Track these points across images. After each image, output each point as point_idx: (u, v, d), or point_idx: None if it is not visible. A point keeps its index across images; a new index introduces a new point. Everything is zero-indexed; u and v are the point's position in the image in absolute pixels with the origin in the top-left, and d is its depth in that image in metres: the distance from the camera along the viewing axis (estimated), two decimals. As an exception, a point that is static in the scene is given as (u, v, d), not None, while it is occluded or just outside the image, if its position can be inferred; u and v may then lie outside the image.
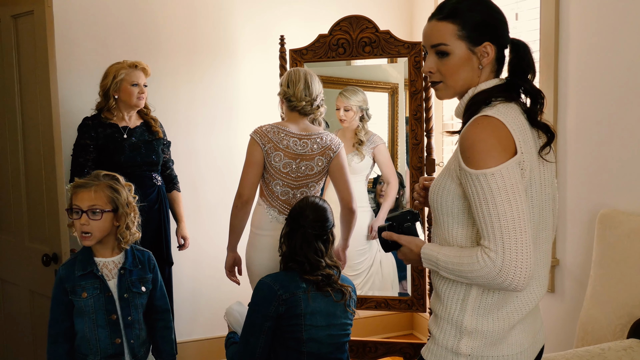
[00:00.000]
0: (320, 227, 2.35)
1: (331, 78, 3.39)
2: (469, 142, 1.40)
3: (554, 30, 2.80)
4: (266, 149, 2.67)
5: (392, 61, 3.39)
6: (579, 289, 2.73)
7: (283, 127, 2.72)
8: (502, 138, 1.38)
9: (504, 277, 1.34)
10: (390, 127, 3.42)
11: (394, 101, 3.40)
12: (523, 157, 1.39)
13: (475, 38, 1.50)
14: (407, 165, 3.28)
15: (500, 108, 1.44)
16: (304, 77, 2.74)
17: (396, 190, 3.34)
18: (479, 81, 1.53)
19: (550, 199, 1.53)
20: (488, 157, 1.36)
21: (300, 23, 3.80)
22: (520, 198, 1.35)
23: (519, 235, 1.33)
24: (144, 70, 3.13)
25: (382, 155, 3.36)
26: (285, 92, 2.76)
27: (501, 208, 1.34)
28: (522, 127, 1.43)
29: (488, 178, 1.35)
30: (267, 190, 2.75)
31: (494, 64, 1.53)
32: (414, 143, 3.21)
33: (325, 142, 2.75)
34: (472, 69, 1.52)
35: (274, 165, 2.69)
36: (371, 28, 3.19)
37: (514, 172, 1.36)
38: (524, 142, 1.41)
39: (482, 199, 1.37)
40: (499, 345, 1.48)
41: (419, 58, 3.16)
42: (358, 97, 3.35)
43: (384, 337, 4.03)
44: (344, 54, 3.23)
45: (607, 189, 2.59)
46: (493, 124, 1.40)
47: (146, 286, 2.30)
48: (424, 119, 3.19)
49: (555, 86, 2.82)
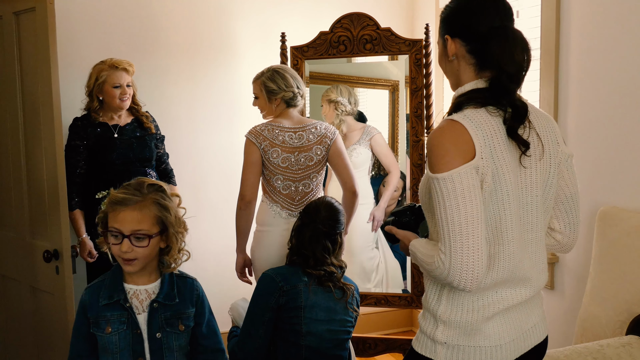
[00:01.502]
0: (331, 225, 2.40)
1: (332, 75, 3.39)
2: (429, 145, 1.44)
3: (555, 28, 2.79)
4: (263, 147, 2.70)
5: (392, 58, 3.40)
6: (579, 286, 2.73)
7: (277, 124, 2.75)
8: (460, 143, 1.40)
9: (452, 279, 1.38)
10: (390, 124, 3.43)
11: (394, 98, 3.40)
12: (483, 162, 1.39)
13: (441, 33, 1.57)
14: (408, 161, 3.27)
15: (468, 113, 1.44)
16: (284, 69, 2.80)
17: (397, 178, 3.33)
18: (464, 77, 1.54)
19: (538, 200, 1.53)
20: (441, 162, 1.39)
21: (301, 20, 3.80)
22: (471, 203, 1.36)
23: (465, 239, 1.36)
24: (126, 70, 3.05)
25: (379, 146, 3.37)
26: (271, 86, 2.77)
27: (449, 212, 1.37)
28: (490, 133, 1.43)
29: (440, 182, 1.38)
30: (268, 187, 2.77)
31: (468, 58, 1.53)
32: (414, 140, 3.22)
33: (321, 131, 2.78)
34: (450, 64, 1.56)
35: (273, 161, 2.71)
36: (372, 25, 3.19)
37: (467, 177, 1.37)
38: (489, 147, 1.42)
39: (436, 202, 1.40)
40: (474, 335, 1.50)
41: (420, 55, 3.17)
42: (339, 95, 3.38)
43: (383, 333, 4.03)
44: (345, 51, 3.24)
45: (607, 187, 2.59)
46: (454, 129, 1.42)
47: (186, 324, 1.86)
48: (424, 116, 3.20)
49: (555, 84, 2.82)
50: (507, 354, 1.52)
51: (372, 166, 3.40)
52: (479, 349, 1.50)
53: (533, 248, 1.55)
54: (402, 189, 3.40)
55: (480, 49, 1.50)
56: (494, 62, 1.46)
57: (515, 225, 1.48)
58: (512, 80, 1.46)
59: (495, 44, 1.46)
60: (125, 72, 3.04)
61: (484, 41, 1.48)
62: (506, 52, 1.45)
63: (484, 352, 1.50)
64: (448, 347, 1.51)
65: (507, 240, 1.47)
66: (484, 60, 1.50)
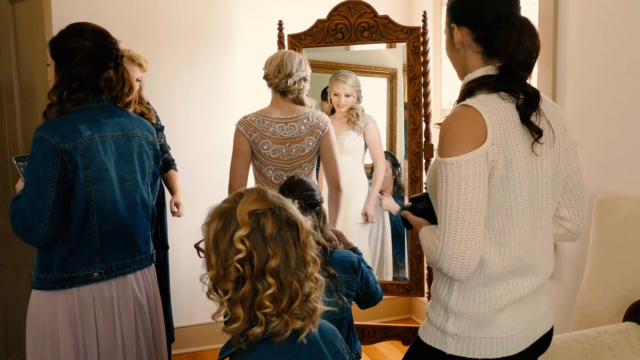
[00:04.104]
0: (310, 196, 2.23)
1: (330, 63, 3.37)
2: (442, 130, 1.42)
3: (552, 14, 2.76)
4: (253, 139, 2.66)
5: (390, 46, 3.38)
6: (576, 273, 2.73)
7: (267, 114, 2.70)
8: (473, 128, 1.39)
9: (441, 265, 1.38)
10: (388, 112, 3.41)
11: (392, 86, 3.39)
12: (494, 147, 1.38)
13: (447, 22, 1.57)
14: (406, 150, 3.26)
15: (481, 98, 1.44)
16: (281, 56, 2.71)
17: (383, 173, 3.31)
18: (471, 66, 1.54)
19: (548, 188, 1.52)
20: (452, 147, 1.38)
21: (299, 8, 3.78)
22: (474, 190, 1.35)
23: (461, 226, 1.34)
24: (141, 66, 3.08)
25: (371, 135, 3.33)
26: (264, 73, 2.74)
27: (450, 197, 1.36)
28: (504, 118, 1.42)
29: (447, 167, 1.37)
30: (260, 176, 2.75)
31: (475, 46, 1.52)
32: (412, 128, 3.20)
33: (313, 122, 2.72)
34: (456, 52, 1.56)
35: (264, 152, 2.68)
36: (370, 13, 3.16)
37: (474, 164, 1.36)
38: (503, 133, 1.41)
39: (439, 186, 1.39)
40: (485, 327, 1.49)
41: (418, 43, 3.13)
42: (354, 81, 3.33)
43: (382, 321, 4.03)
44: (342, 39, 3.21)
45: (604, 174, 2.59)
46: (468, 114, 1.41)
47: None
48: (422, 104, 3.16)
49: (553, 71, 2.80)
50: (518, 344, 1.52)
51: (365, 154, 3.38)
52: (490, 340, 1.49)
53: (541, 236, 1.54)
54: (394, 181, 3.38)
55: (487, 37, 1.50)
56: (502, 49, 1.46)
57: (526, 213, 1.47)
58: (522, 67, 1.46)
59: (502, 32, 1.45)
60: (139, 68, 3.06)
61: (491, 29, 1.48)
62: (513, 39, 1.44)
63: (496, 343, 1.49)
64: (459, 338, 1.50)
65: (518, 228, 1.46)
66: (491, 48, 1.50)
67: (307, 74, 2.74)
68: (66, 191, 1.92)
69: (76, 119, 1.94)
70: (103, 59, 2.00)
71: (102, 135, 1.98)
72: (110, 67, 2.01)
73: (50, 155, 1.86)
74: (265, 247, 1.26)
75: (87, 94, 1.99)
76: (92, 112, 1.99)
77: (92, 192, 1.95)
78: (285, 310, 1.28)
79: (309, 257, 1.32)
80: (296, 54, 2.73)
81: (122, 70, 2.06)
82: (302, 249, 1.31)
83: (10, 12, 2.77)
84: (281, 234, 1.28)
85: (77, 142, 1.91)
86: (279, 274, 1.27)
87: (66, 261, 1.96)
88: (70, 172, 1.91)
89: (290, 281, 1.28)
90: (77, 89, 1.97)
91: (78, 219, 1.95)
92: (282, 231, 1.28)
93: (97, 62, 1.97)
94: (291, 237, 1.30)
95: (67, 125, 1.92)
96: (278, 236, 1.28)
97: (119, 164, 2.03)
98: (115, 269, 2.05)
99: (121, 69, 2.06)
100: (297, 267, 1.30)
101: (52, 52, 1.99)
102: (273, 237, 1.27)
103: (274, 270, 1.26)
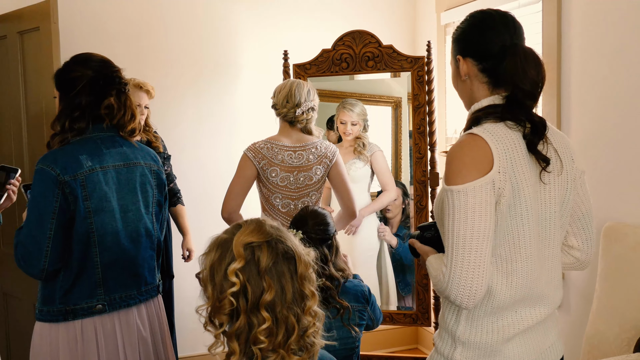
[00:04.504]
0: (322, 230, 2.27)
1: (335, 92, 3.38)
2: (448, 158, 1.44)
3: (556, 45, 2.76)
4: (261, 166, 2.65)
5: (395, 75, 3.40)
6: (585, 302, 2.70)
7: (276, 142, 2.69)
8: (478, 157, 1.40)
9: (449, 293, 1.39)
10: (393, 140, 3.42)
11: (397, 115, 3.40)
12: (500, 176, 1.39)
13: (453, 54, 1.59)
14: (411, 178, 3.26)
15: (488, 126, 1.45)
16: (289, 85, 2.71)
17: (390, 198, 3.30)
18: (478, 95, 1.55)
19: (556, 216, 1.52)
20: (458, 175, 1.39)
21: (304, 38, 3.81)
22: (480, 218, 1.36)
23: (468, 254, 1.35)
24: (148, 93, 3.09)
25: (379, 163, 3.34)
26: (272, 102, 2.74)
27: (457, 225, 1.37)
28: (511, 146, 1.43)
29: (454, 194, 1.38)
30: (267, 205, 2.73)
31: (481, 77, 1.54)
32: (417, 157, 3.21)
33: (321, 151, 2.72)
34: (463, 83, 1.58)
35: (272, 180, 2.66)
36: (374, 43, 3.19)
37: (481, 192, 1.37)
38: (509, 161, 1.42)
39: (446, 214, 1.40)
40: (493, 357, 1.48)
41: (422, 72, 3.16)
42: (361, 110, 3.34)
43: (388, 351, 3.98)
44: (347, 69, 3.24)
45: (612, 202, 2.57)
46: (474, 142, 1.42)
47: None
48: (427, 132, 3.19)
49: (558, 95, 2.80)
50: None
51: (371, 183, 3.38)
52: None
53: (549, 264, 1.54)
54: (402, 210, 3.37)
55: (493, 68, 1.51)
56: (508, 80, 1.48)
57: (533, 241, 1.47)
58: (528, 97, 1.47)
59: (508, 62, 1.47)
60: (147, 95, 3.06)
61: (496, 60, 1.49)
62: (519, 69, 1.45)
63: None
64: None
65: (525, 257, 1.46)
66: (497, 78, 1.52)
67: (315, 103, 2.74)
68: (67, 223, 1.91)
69: (77, 150, 1.94)
70: (104, 86, 1.99)
71: (104, 165, 1.97)
72: (111, 95, 2.00)
73: (50, 186, 1.86)
74: (260, 281, 1.24)
75: (87, 123, 1.98)
76: (94, 142, 1.98)
77: (93, 224, 1.94)
78: (281, 345, 1.26)
79: (307, 291, 1.30)
80: (304, 84, 2.73)
81: (125, 97, 2.05)
82: (300, 282, 1.29)
83: (19, 43, 2.81)
84: (277, 267, 1.26)
85: (78, 173, 1.90)
86: (275, 308, 1.25)
87: (68, 293, 1.94)
88: (71, 204, 1.90)
89: (286, 315, 1.26)
90: (78, 118, 1.96)
91: (79, 250, 1.94)
92: (278, 264, 1.27)
93: (98, 90, 1.97)
94: (288, 271, 1.27)
95: (67, 156, 1.91)
96: (273, 269, 1.26)
97: (120, 194, 2.01)
98: (119, 300, 2.02)
99: (123, 97, 2.04)
100: (294, 300, 1.28)
101: (57, 83, 2.00)
102: (268, 270, 1.25)
103: (269, 304, 1.24)
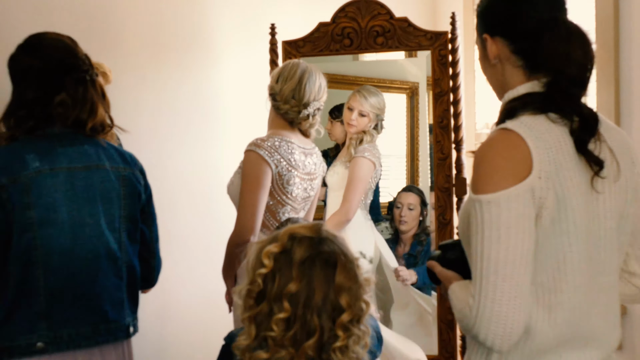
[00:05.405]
0: None
1: (335, 76, 3.24)
2: (476, 161, 1.38)
3: (612, 16, 2.67)
4: (279, 170, 2.44)
5: (410, 55, 3.31)
6: (652, 343, 2.62)
7: (288, 139, 2.50)
8: (514, 158, 1.33)
9: (477, 331, 1.31)
10: (409, 137, 3.33)
11: (413, 105, 3.33)
12: (542, 182, 1.32)
13: (478, 32, 1.54)
14: (432, 185, 3.12)
15: (525, 120, 1.38)
16: (300, 75, 2.52)
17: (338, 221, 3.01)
18: (511, 82, 1.48)
19: (613, 235, 1.44)
20: (489, 182, 1.33)
21: (296, 10, 3.71)
22: (517, 236, 1.29)
23: (502, 282, 1.27)
24: (105, 77, 2.89)
25: (352, 170, 3.05)
26: (272, 88, 2.55)
27: (487, 245, 1.29)
28: (554, 145, 1.36)
29: (483, 206, 1.31)
30: (272, 220, 2.56)
31: (514, 59, 1.47)
32: (439, 158, 3.03)
33: (321, 159, 2.66)
34: (492, 68, 1.53)
35: (288, 188, 2.48)
36: (384, 14, 3.03)
37: (517, 203, 1.30)
38: (553, 164, 1.34)
39: (474, 231, 1.33)
40: None
41: (445, 51, 2.97)
42: (378, 101, 3.14)
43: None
44: (350, 47, 3.05)
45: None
46: (508, 140, 1.35)
47: None
48: (452, 127, 3.01)
49: (616, 87, 2.72)
50: None
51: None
52: None
53: (604, 297, 1.44)
54: (419, 223, 3.24)
55: (529, 49, 1.44)
56: (548, 62, 1.41)
57: (583, 266, 1.38)
58: (575, 83, 1.40)
59: (547, 41, 1.41)
60: (104, 78, 2.89)
61: (532, 39, 1.44)
62: (561, 50, 1.39)
63: None
64: None
65: (573, 285, 1.37)
66: (534, 61, 1.44)
67: (323, 101, 2.58)
68: (4, 237, 1.81)
69: (24, 148, 1.87)
70: (57, 78, 1.89)
71: (55, 167, 1.87)
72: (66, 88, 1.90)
73: None
74: (290, 271, 1.35)
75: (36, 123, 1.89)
76: (47, 139, 1.90)
77: (36, 239, 1.82)
78: (292, 342, 1.34)
79: (344, 303, 1.35)
80: (317, 74, 2.55)
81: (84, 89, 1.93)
82: (336, 292, 1.35)
83: None
84: (312, 265, 1.36)
85: (20, 176, 1.81)
86: (297, 304, 1.34)
87: (3, 326, 1.82)
88: (8, 213, 1.80)
89: (306, 316, 1.34)
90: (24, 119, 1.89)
91: (17, 272, 1.81)
92: (314, 264, 1.36)
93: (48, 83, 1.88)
94: (323, 275, 1.36)
95: (10, 154, 1.85)
96: (307, 266, 1.36)
97: (75, 203, 1.89)
98: (67, 339, 1.86)
99: (82, 89, 1.92)
100: (324, 307, 1.35)
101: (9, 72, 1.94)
102: (300, 263, 1.35)
103: (293, 297, 1.33)
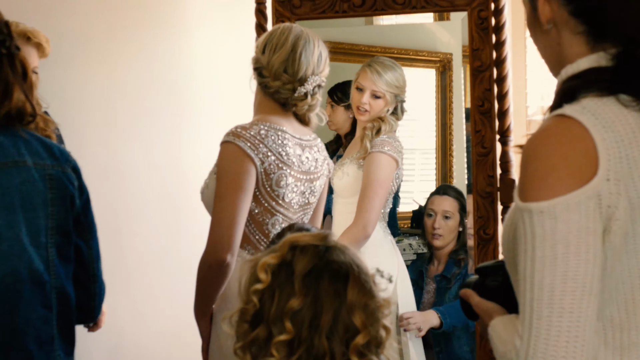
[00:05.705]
0: None
1: (342, 45, 2.95)
2: (524, 158, 1.23)
3: None
4: (265, 166, 2.21)
5: (441, 18, 3.06)
6: None
7: (279, 127, 2.24)
8: (574, 155, 1.14)
9: None
10: (439, 125, 3.05)
11: (445, 83, 3.06)
12: (611, 185, 1.12)
13: None
14: (469, 188, 2.83)
15: (589, 104, 1.18)
16: (294, 41, 2.25)
17: (353, 238, 2.76)
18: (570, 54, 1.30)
19: None
20: (541, 185, 1.14)
21: None
22: (579, 256, 1.09)
23: (558, 317, 1.08)
24: (39, 48, 2.67)
25: (367, 167, 2.77)
26: (258, 60, 2.27)
27: (539, 268, 1.10)
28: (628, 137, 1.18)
29: (534, 217, 1.12)
30: (258, 234, 2.31)
31: (573, 24, 1.29)
32: (479, 152, 2.71)
33: (324, 153, 2.43)
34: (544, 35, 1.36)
35: (279, 191, 2.25)
36: None
37: (579, 213, 1.10)
38: (625, 161, 1.15)
39: (522, 250, 1.15)
40: None
41: (486, 13, 2.62)
42: (396, 77, 2.79)
43: None
44: (361, 7, 2.74)
45: None
46: (567, 131, 1.16)
47: None
48: (495, 113, 2.66)
49: None
50: None
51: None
52: None
53: None
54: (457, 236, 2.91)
55: (592, 9, 1.27)
56: (618, 27, 1.23)
57: None
58: None
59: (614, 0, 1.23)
60: (36, 50, 2.69)
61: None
62: (634, 10, 1.22)
63: None
64: None
65: None
66: (599, 26, 1.26)
67: (324, 76, 2.30)
68: None
69: None
70: None
71: None
72: None
73: None
74: (292, 286, 1.29)
75: None
76: None
77: None
78: None
79: (358, 323, 1.28)
80: (315, 42, 2.30)
81: None
82: (349, 309, 1.28)
83: None
84: (318, 278, 1.30)
85: None
86: (301, 324, 1.28)
87: None
88: None
89: (313, 338, 1.28)
90: None
91: None
92: (321, 276, 1.31)
93: None
94: (332, 289, 1.28)
95: None
96: (312, 279, 1.29)
97: None
98: None
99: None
100: (334, 327, 1.28)
101: None
102: (303, 276, 1.28)
103: (295, 315, 1.27)
